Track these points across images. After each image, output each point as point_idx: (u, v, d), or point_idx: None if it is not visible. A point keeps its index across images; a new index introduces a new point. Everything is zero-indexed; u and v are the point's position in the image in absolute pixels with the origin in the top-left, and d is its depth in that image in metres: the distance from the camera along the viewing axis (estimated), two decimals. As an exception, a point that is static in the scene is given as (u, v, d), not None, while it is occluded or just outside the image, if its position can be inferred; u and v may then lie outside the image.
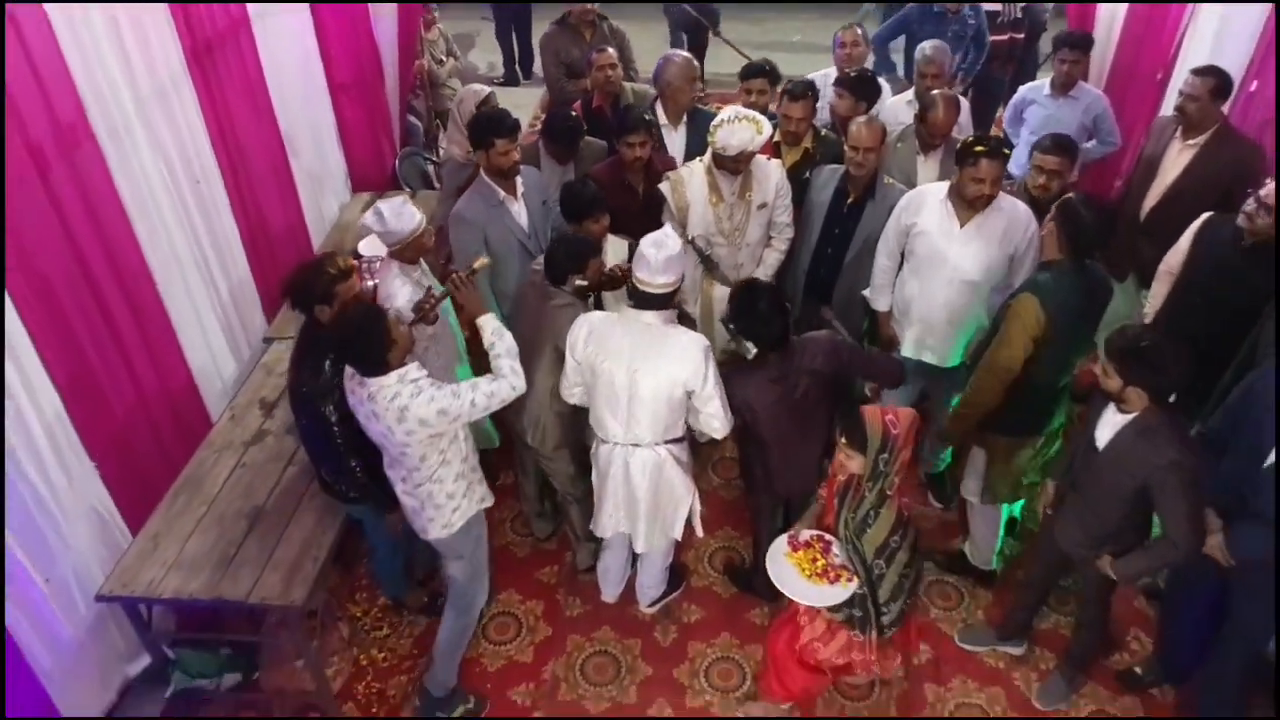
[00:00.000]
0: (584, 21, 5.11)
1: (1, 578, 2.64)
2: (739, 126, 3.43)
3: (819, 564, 2.87)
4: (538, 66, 6.74)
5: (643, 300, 2.95)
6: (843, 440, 2.70)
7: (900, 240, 3.50)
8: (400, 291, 3.21)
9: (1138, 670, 3.38)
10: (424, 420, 2.66)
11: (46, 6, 2.78)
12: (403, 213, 3.17)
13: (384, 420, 2.67)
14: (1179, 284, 3.55)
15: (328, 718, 3.33)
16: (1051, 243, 2.94)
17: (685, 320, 3.55)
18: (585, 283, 3.17)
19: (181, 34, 3.49)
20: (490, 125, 3.55)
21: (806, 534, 2.97)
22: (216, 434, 3.58)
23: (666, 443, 3.10)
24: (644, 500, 3.16)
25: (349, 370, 2.77)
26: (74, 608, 2.98)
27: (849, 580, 2.83)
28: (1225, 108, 3.97)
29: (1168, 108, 4.47)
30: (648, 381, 2.95)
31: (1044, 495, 3.19)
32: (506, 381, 2.79)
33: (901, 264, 3.59)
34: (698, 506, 3.29)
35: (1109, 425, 2.70)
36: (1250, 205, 3.22)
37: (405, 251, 3.23)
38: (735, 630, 3.61)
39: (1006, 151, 3.29)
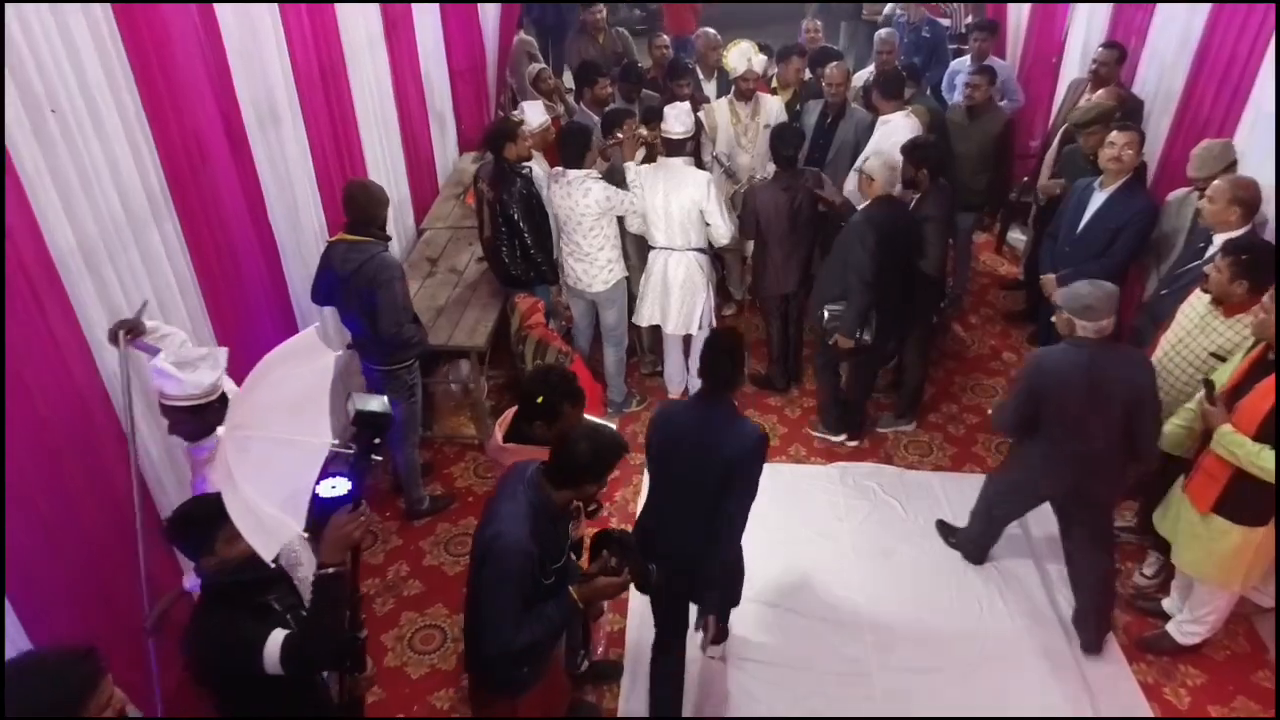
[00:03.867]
0: (595, 28, 7.15)
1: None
2: (740, 47, 5.27)
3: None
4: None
5: (670, 147, 4.66)
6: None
7: None
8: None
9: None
10: (598, 200, 4.43)
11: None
12: (539, 112, 5.00)
13: (573, 196, 4.46)
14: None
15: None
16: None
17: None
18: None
19: (384, 10, 5.28)
20: (593, 69, 5.43)
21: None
22: (401, 274, 5.23)
23: (692, 249, 4.75)
24: (675, 290, 4.77)
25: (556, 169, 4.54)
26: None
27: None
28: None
29: (1062, 81, 6.30)
30: (676, 202, 4.62)
31: None
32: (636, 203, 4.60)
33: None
34: (712, 303, 4.90)
35: None
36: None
37: (536, 139, 4.96)
38: (757, 408, 5.23)
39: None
